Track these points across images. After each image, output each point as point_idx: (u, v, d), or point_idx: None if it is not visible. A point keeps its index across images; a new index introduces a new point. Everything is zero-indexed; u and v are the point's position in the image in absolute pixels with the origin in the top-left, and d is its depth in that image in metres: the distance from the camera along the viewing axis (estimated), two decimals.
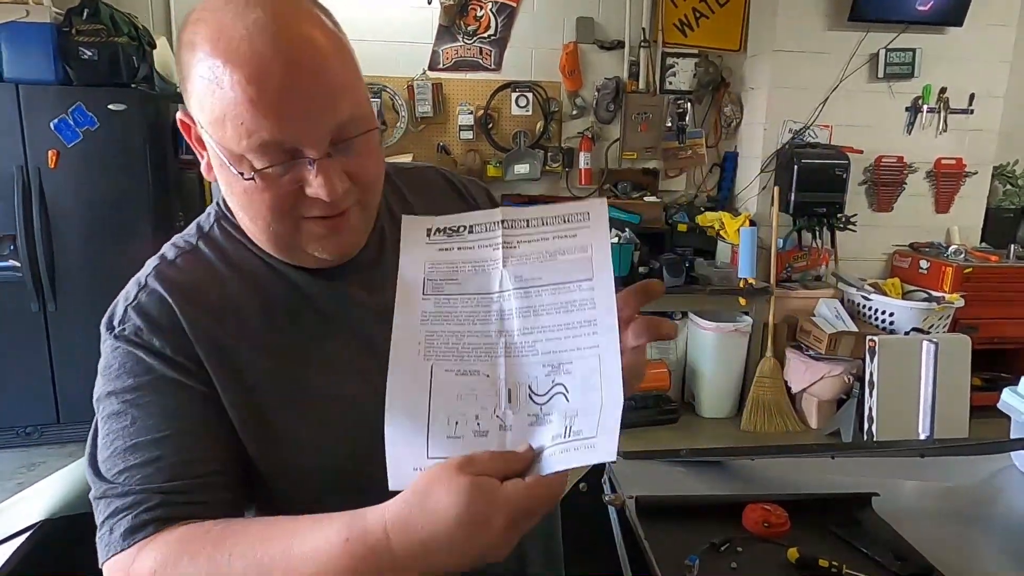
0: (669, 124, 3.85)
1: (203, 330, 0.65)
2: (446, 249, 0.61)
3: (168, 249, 0.73)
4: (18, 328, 3.03)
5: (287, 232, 0.65)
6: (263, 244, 0.69)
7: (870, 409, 3.14)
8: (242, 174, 0.60)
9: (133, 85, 3.02)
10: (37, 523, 1.11)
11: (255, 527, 0.56)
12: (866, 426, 3.20)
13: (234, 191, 0.63)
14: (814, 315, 3.48)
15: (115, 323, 0.66)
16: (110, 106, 2.93)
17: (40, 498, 1.16)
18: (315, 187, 0.60)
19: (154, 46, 3.17)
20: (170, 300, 0.66)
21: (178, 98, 3.50)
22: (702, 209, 3.90)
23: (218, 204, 0.75)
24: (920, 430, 1.51)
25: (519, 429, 0.55)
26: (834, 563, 0.95)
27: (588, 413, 0.54)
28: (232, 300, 0.68)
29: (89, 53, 2.90)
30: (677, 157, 3.90)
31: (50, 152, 2.90)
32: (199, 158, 0.67)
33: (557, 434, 0.54)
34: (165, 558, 0.55)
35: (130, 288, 0.69)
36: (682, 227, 3.78)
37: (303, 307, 0.70)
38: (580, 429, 0.54)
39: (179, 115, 0.68)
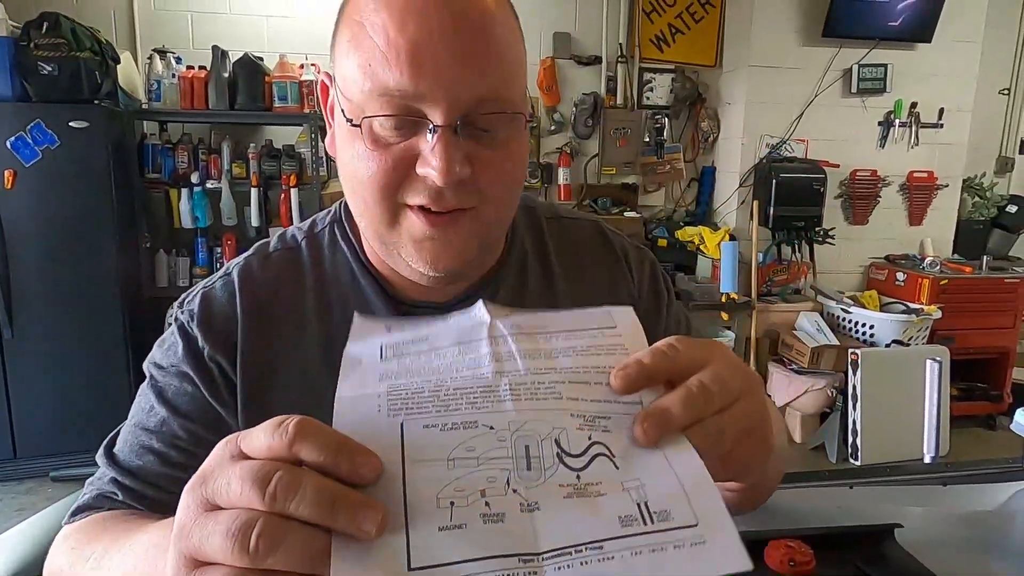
0: (647, 139, 3.85)
1: (254, 341, 0.61)
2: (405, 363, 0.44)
3: (275, 240, 0.68)
4: None
5: (385, 219, 0.54)
6: (369, 238, 0.61)
7: (854, 422, 3.14)
8: (351, 121, 0.52)
9: (96, 101, 2.89)
10: None
11: (124, 526, 0.54)
12: (850, 439, 3.19)
13: (344, 160, 0.55)
14: (795, 329, 3.48)
15: (184, 300, 0.64)
16: (71, 123, 2.80)
17: None
18: (428, 161, 0.50)
19: (118, 61, 3.05)
20: (238, 300, 0.62)
21: (142, 115, 3.40)
22: (681, 224, 3.89)
23: (340, 204, 0.69)
24: (925, 451, 1.48)
25: (552, 507, 0.35)
26: None
27: (661, 488, 0.37)
28: (300, 318, 0.62)
29: (49, 68, 2.77)
30: (656, 172, 3.89)
31: (6, 172, 2.75)
32: (327, 128, 0.61)
33: (628, 516, 0.35)
34: (61, 540, 0.57)
35: (223, 269, 0.67)
36: (662, 242, 3.77)
37: None
38: (667, 510, 0.36)
39: (321, 76, 0.64)
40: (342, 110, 0.53)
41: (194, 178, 3.26)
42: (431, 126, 0.50)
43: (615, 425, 0.40)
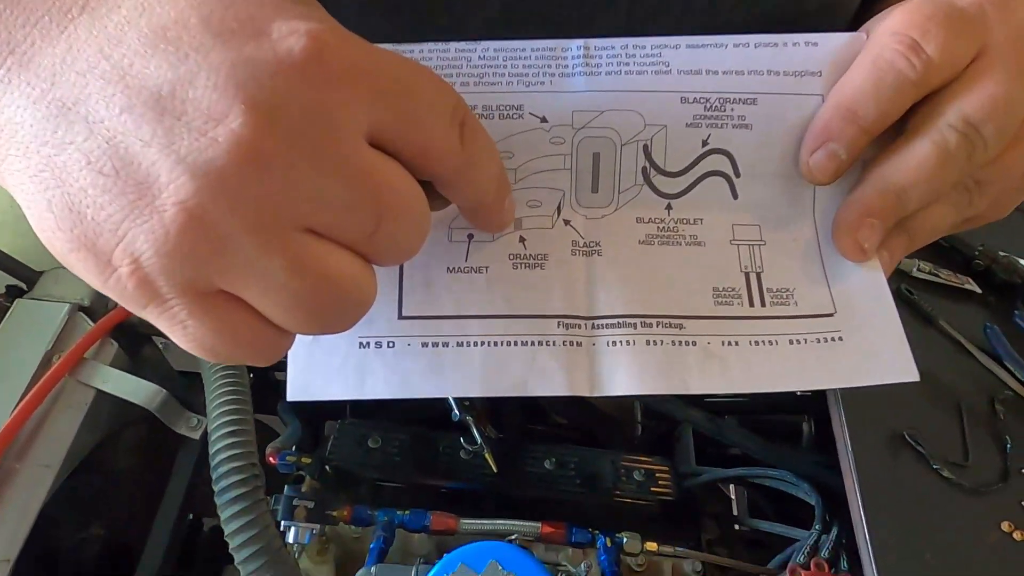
0: None
1: None
2: None
3: None
4: None
5: None
6: None
7: None
8: None
9: None
10: None
11: None
12: None
13: None
14: None
15: None
16: None
17: None
18: None
19: None
20: None
21: None
22: None
23: None
24: None
25: (621, 253, 0.25)
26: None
27: (790, 252, 0.25)
28: None
29: None
30: None
31: None
32: None
33: (728, 290, 0.24)
34: None
35: None
36: None
37: None
38: (788, 289, 0.24)
39: None
40: None
41: None
42: None
43: (759, 116, 0.24)
